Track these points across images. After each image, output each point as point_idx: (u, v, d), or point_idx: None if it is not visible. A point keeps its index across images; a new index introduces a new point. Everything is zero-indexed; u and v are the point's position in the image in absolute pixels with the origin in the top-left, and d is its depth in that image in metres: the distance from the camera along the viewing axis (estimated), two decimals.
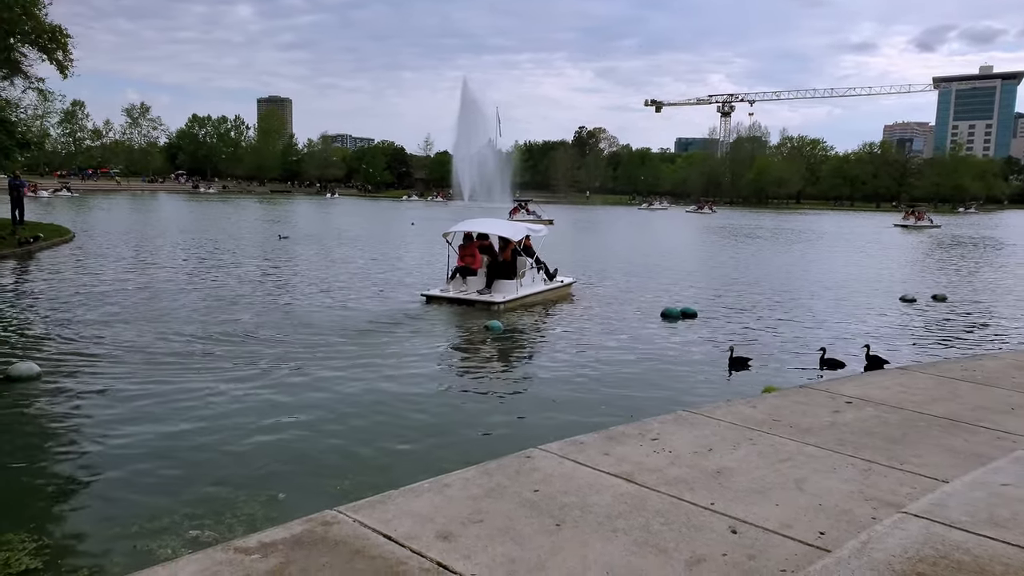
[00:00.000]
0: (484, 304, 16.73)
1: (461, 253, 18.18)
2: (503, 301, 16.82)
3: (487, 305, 16.67)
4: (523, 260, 18.13)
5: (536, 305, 17.58)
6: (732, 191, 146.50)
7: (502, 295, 17.05)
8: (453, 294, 17.32)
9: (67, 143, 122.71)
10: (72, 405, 9.05)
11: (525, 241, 18.44)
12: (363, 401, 9.51)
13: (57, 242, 28.17)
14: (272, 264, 24.69)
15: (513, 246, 17.88)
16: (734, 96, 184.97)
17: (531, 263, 18.36)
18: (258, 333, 13.37)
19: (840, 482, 5.32)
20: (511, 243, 17.88)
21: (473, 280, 17.62)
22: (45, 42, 27.34)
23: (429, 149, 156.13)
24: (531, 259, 18.45)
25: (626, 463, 5.56)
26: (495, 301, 16.78)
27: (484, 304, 16.73)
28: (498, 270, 17.60)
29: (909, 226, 68.47)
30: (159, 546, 5.63)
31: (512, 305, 16.99)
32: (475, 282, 17.58)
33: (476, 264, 17.89)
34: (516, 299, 17.20)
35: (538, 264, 18.67)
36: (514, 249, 17.91)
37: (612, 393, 10.41)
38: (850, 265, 31.44)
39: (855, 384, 8.51)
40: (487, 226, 19.25)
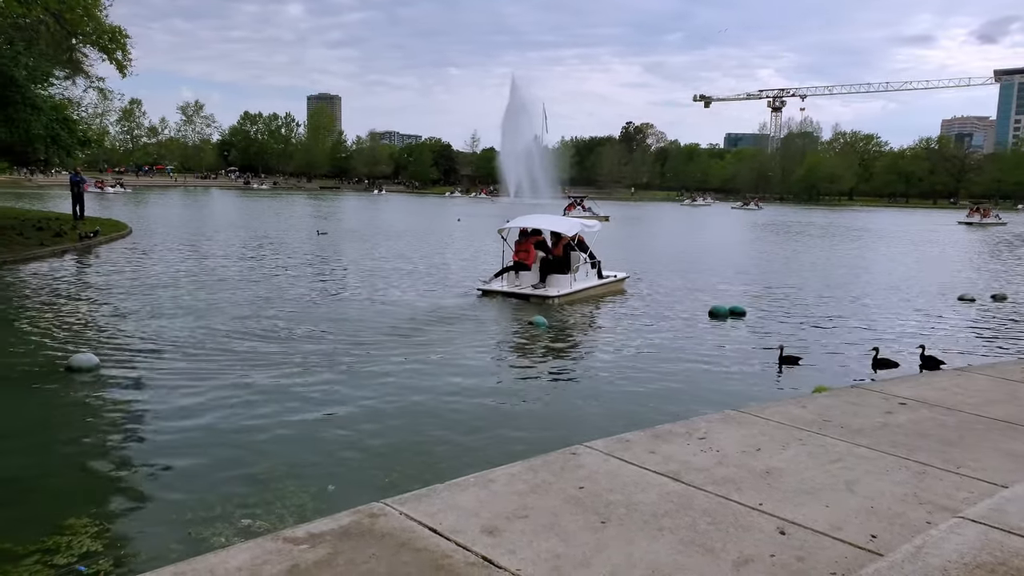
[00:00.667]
0: (539, 298, 17.00)
1: (516, 248, 18.44)
2: (557, 295, 17.08)
3: (541, 299, 16.92)
4: (576, 255, 18.31)
5: (589, 300, 17.74)
6: (782, 187, 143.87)
7: (556, 289, 17.31)
8: (508, 288, 17.62)
9: (125, 140, 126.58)
10: (128, 396, 9.33)
11: (578, 237, 18.59)
12: (410, 395, 9.60)
13: (114, 237, 29.02)
14: (322, 259, 25.07)
15: (566, 241, 18.08)
16: (785, 91, 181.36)
17: (585, 258, 18.56)
18: (308, 328, 13.59)
19: (893, 484, 5.20)
20: (563, 238, 18.08)
21: (527, 275, 17.92)
22: (105, 42, 28.14)
23: (476, 146, 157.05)
24: (584, 254, 18.64)
25: (673, 462, 5.52)
26: (549, 295, 17.05)
27: (539, 298, 17.00)
28: (551, 265, 17.85)
29: (974, 223, 66.49)
30: (212, 534, 5.77)
31: (565, 299, 17.17)
32: (529, 277, 17.88)
33: (530, 259, 18.14)
34: (569, 293, 17.43)
35: (592, 260, 18.88)
36: (567, 244, 18.11)
37: (658, 391, 10.32)
38: (907, 263, 30.64)
39: (909, 385, 8.31)
40: (541, 222, 19.42)
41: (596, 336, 14.05)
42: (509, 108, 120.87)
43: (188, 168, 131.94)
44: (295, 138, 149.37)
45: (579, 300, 17.52)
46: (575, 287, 17.70)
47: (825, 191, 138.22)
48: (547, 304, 16.63)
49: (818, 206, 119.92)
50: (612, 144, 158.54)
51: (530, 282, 17.79)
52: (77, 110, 31.13)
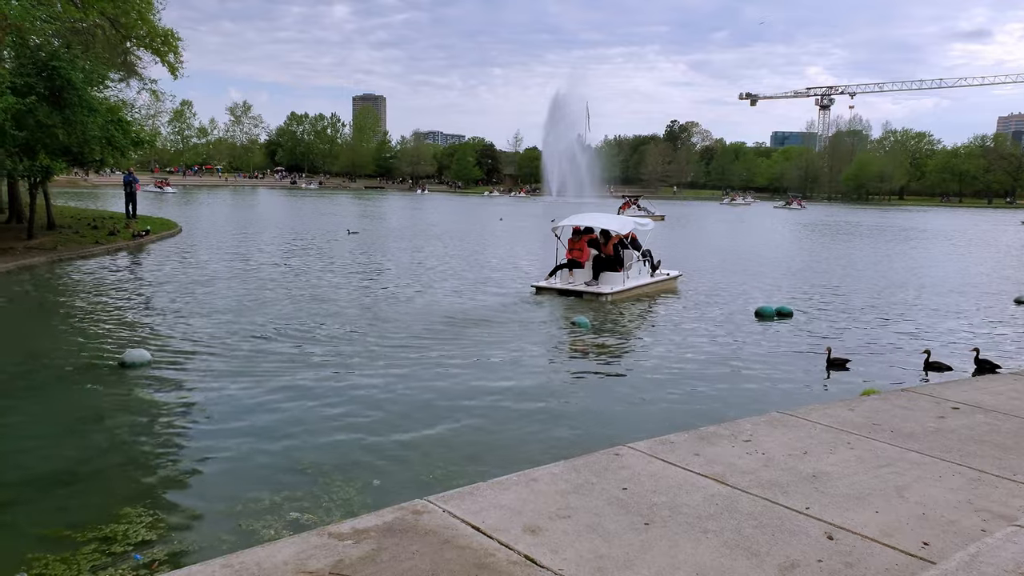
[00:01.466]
0: (591, 295, 17.26)
1: (569, 246, 18.72)
2: (610, 292, 17.33)
3: (594, 296, 17.19)
4: (629, 253, 18.55)
5: (642, 297, 17.97)
6: (830, 187, 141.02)
7: (609, 287, 17.60)
8: (561, 285, 17.90)
9: (176, 141, 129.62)
10: (179, 391, 9.56)
11: (631, 235, 18.76)
12: (455, 393, 9.66)
13: (165, 235, 29.78)
14: (367, 259, 25.35)
15: (616, 239, 18.31)
16: (833, 88, 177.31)
17: (637, 256, 18.80)
18: (353, 326, 13.77)
19: (946, 491, 5.07)
20: (613, 236, 18.30)
21: (580, 273, 18.21)
22: (158, 45, 28.87)
23: (518, 145, 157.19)
24: (637, 252, 18.85)
25: (717, 464, 5.47)
26: (603, 292, 17.31)
27: (591, 295, 17.26)
28: (604, 263, 18.13)
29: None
30: (262, 526, 5.89)
31: (618, 297, 17.37)
32: (582, 274, 18.17)
33: (584, 257, 18.44)
34: (622, 291, 17.65)
35: (645, 258, 19.13)
36: (618, 242, 18.35)
37: (703, 392, 10.22)
38: (962, 264, 29.80)
39: (963, 389, 8.09)
40: (593, 220, 19.63)
41: (640, 336, 13.96)
42: (552, 107, 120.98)
43: (236, 168, 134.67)
44: (340, 138, 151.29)
45: (631, 298, 17.72)
46: (627, 284, 17.90)
47: (874, 190, 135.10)
48: (600, 301, 16.85)
49: (867, 206, 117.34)
50: (656, 143, 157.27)
51: (583, 279, 18.08)
52: (131, 111, 31.95)
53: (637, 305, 17.10)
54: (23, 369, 10.33)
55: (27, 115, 18.71)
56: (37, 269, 19.67)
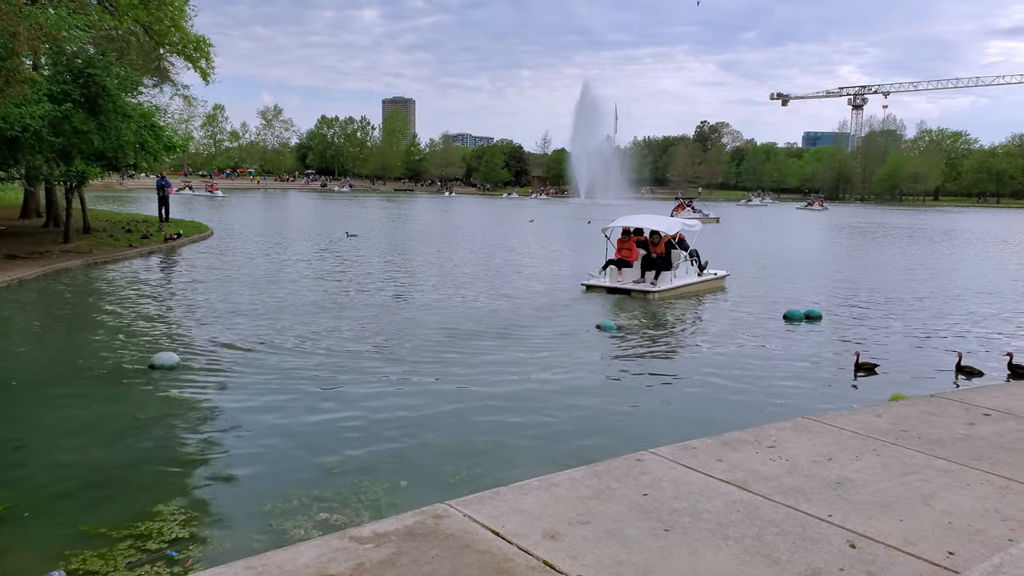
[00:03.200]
0: (640, 293, 18.04)
1: (619, 246, 19.58)
2: (657, 291, 18.04)
3: (643, 294, 17.97)
4: (677, 253, 19.25)
5: (689, 296, 18.63)
6: (863, 187, 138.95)
7: (657, 285, 18.29)
8: (610, 283, 18.65)
9: (208, 145, 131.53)
10: (208, 393, 9.73)
11: (679, 235, 19.48)
12: (482, 396, 9.72)
13: (196, 238, 30.23)
14: (402, 259, 25.53)
15: (666, 239, 18.98)
16: (866, 88, 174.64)
17: (685, 256, 19.47)
18: (382, 328, 13.89)
19: (973, 499, 5.00)
20: (663, 237, 18.93)
21: (629, 272, 18.97)
22: (190, 52, 29.43)
23: (547, 147, 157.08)
24: (685, 252, 19.53)
25: (740, 470, 5.44)
26: (651, 290, 18.03)
27: (640, 293, 18.04)
28: (651, 262, 18.84)
29: None
30: (292, 526, 5.99)
31: (665, 295, 18.06)
32: (631, 273, 18.94)
33: (632, 257, 19.21)
34: (669, 289, 18.35)
35: (692, 257, 19.76)
36: (668, 242, 19.02)
37: (728, 396, 10.16)
38: (996, 267, 29.22)
39: (995, 395, 7.95)
40: (642, 221, 20.24)
41: (665, 339, 13.90)
42: (579, 109, 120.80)
43: (267, 171, 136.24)
44: (370, 141, 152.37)
45: (678, 296, 18.39)
46: (675, 283, 18.57)
47: (908, 191, 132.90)
48: (648, 299, 17.64)
49: (901, 206, 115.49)
50: (686, 143, 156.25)
51: (632, 278, 18.80)
52: (164, 116, 32.61)
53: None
54: (56, 371, 10.59)
55: (63, 121, 19.17)
56: (73, 272, 20.12)
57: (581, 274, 20.30)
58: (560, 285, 20.26)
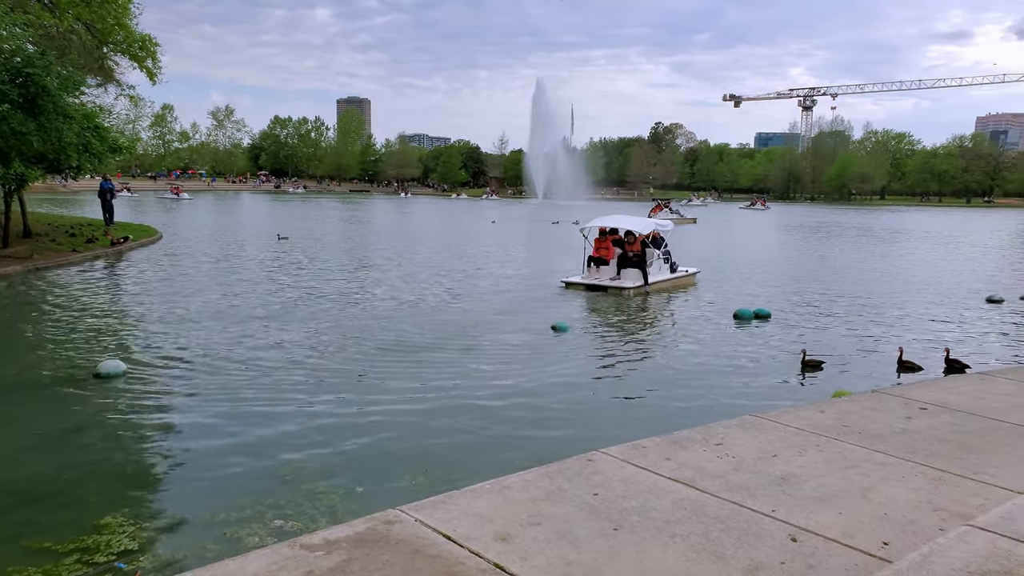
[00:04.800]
0: (616, 289, 18.88)
1: (596, 245, 20.50)
2: (632, 287, 18.90)
3: (619, 291, 18.83)
4: (651, 252, 20.09)
5: (662, 292, 19.55)
6: (813, 187, 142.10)
7: (631, 282, 19.14)
8: (588, 281, 19.53)
9: (157, 146, 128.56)
10: (156, 401, 9.55)
11: (653, 234, 20.44)
12: (438, 400, 9.71)
13: (145, 242, 29.54)
14: (358, 263, 25.33)
15: (641, 239, 19.81)
16: (815, 90, 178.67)
17: (659, 254, 20.44)
18: (335, 332, 13.78)
19: (908, 491, 5.20)
20: (639, 236, 19.78)
21: (606, 269, 19.89)
22: (135, 51, 28.67)
23: (504, 147, 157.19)
24: (659, 251, 20.50)
25: (688, 468, 5.57)
26: (625, 287, 18.90)
27: (616, 289, 18.88)
28: (627, 260, 19.68)
29: None
30: (246, 534, 5.93)
31: (640, 292, 19.01)
32: (607, 271, 19.84)
33: (609, 255, 20.11)
34: (643, 286, 19.23)
35: (666, 257, 20.78)
36: (642, 242, 19.82)
37: (679, 395, 10.34)
38: (937, 264, 30.17)
39: (931, 389, 8.25)
40: (618, 221, 21.14)
41: (619, 340, 14.06)
42: (535, 110, 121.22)
43: (219, 172, 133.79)
44: (325, 142, 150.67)
45: (654, 292, 19.30)
46: (649, 280, 19.41)
47: (856, 190, 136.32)
48: (623, 295, 18.53)
49: (849, 206, 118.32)
50: (641, 145, 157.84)
51: (608, 275, 19.67)
52: (109, 117, 31.75)
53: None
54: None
55: (1, 122, 18.56)
56: (12, 278, 19.51)
57: (542, 274, 20.42)
58: (519, 286, 20.34)
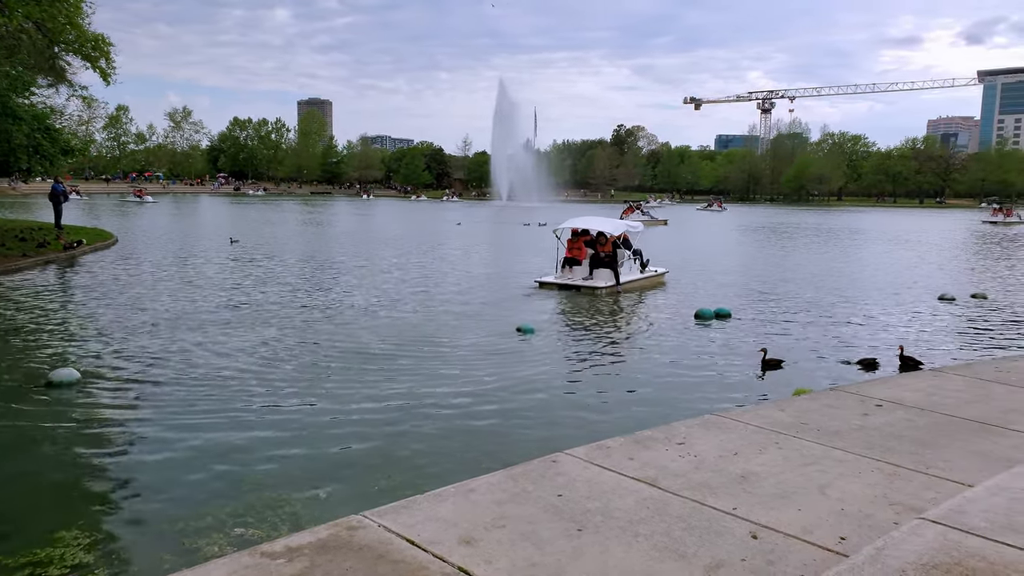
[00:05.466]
0: (588, 289, 19.43)
1: (568, 246, 21.03)
2: (604, 286, 19.44)
3: (591, 290, 19.37)
4: (622, 252, 20.62)
5: (633, 291, 20.11)
6: (772, 188, 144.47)
7: (603, 281, 19.69)
8: (561, 280, 20.12)
9: (112, 147, 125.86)
10: (113, 409, 9.33)
11: (623, 235, 20.97)
12: (403, 403, 9.65)
13: (99, 246, 28.78)
14: (318, 268, 25.08)
15: (613, 240, 20.37)
16: (774, 93, 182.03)
17: (629, 255, 20.99)
18: (295, 338, 13.64)
19: (864, 486, 5.31)
20: (610, 237, 20.32)
21: (578, 269, 20.43)
22: (88, 50, 28.01)
23: (467, 149, 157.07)
24: (629, 251, 21.05)
25: (651, 467, 5.62)
26: (597, 286, 19.44)
27: (588, 289, 19.43)
28: (599, 261, 20.20)
29: (998, 223, 67.77)
30: (206, 543, 5.82)
31: (612, 290, 19.56)
32: (580, 271, 20.39)
33: (581, 256, 20.63)
34: (614, 285, 19.73)
35: (635, 256, 21.31)
36: (614, 242, 20.40)
37: (643, 395, 10.43)
38: (893, 263, 30.87)
39: (887, 386, 8.44)
40: (590, 223, 21.60)
41: (584, 340, 14.13)
42: (498, 112, 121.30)
43: (177, 175, 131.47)
44: (285, 143, 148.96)
45: (625, 291, 19.82)
46: (620, 280, 19.95)
47: (814, 191, 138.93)
48: (596, 294, 19.05)
49: (807, 206, 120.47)
50: (604, 147, 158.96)
51: (581, 275, 20.18)
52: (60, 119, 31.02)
53: (574, 309, 17.62)
54: None
55: None
56: None
57: (509, 276, 20.41)
58: (485, 288, 20.34)
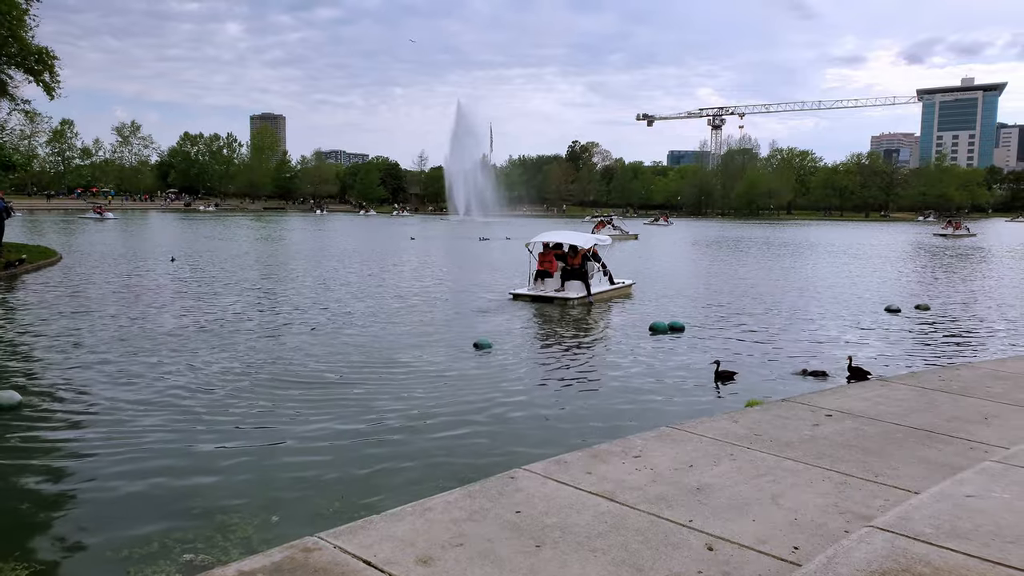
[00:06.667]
0: (561, 300, 20.26)
1: (540, 259, 21.81)
2: (576, 298, 20.27)
3: (564, 301, 20.19)
4: (591, 265, 21.52)
5: (602, 301, 20.95)
6: (724, 203, 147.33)
7: (574, 293, 20.50)
8: (534, 292, 20.95)
9: (56, 163, 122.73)
10: (55, 433, 9.03)
11: (593, 249, 21.79)
12: (356, 423, 9.54)
13: (42, 264, 27.95)
14: (269, 283, 24.72)
15: (583, 252, 21.20)
16: (724, 109, 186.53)
17: (598, 267, 21.93)
18: (245, 356, 13.42)
19: (816, 496, 5.42)
20: (580, 251, 21.14)
21: (550, 281, 21.28)
22: (32, 64, 27.43)
23: (424, 164, 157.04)
24: (599, 264, 22.00)
25: (608, 481, 5.65)
26: (569, 298, 20.26)
27: (561, 300, 20.26)
28: (570, 273, 21.02)
29: (948, 235, 70.28)
30: (153, 571, 5.68)
31: (583, 301, 20.36)
32: (552, 283, 21.23)
33: (553, 268, 21.45)
34: (585, 296, 20.53)
35: (604, 269, 22.29)
36: (584, 255, 21.22)
37: (600, 409, 10.49)
38: (840, 275, 31.62)
39: (836, 396, 8.63)
40: (561, 237, 22.48)
41: (539, 354, 14.17)
42: (455, 128, 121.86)
43: (125, 190, 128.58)
44: (237, 159, 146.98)
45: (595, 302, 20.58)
46: (591, 291, 20.76)
47: (764, 206, 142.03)
48: (568, 305, 19.89)
49: (758, 220, 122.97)
50: (559, 163, 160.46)
51: (553, 287, 21.04)
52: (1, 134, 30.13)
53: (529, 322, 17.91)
54: None
55: None
56: None
57: (467, 290, 20.43)
58: (441, 303, 20.30)
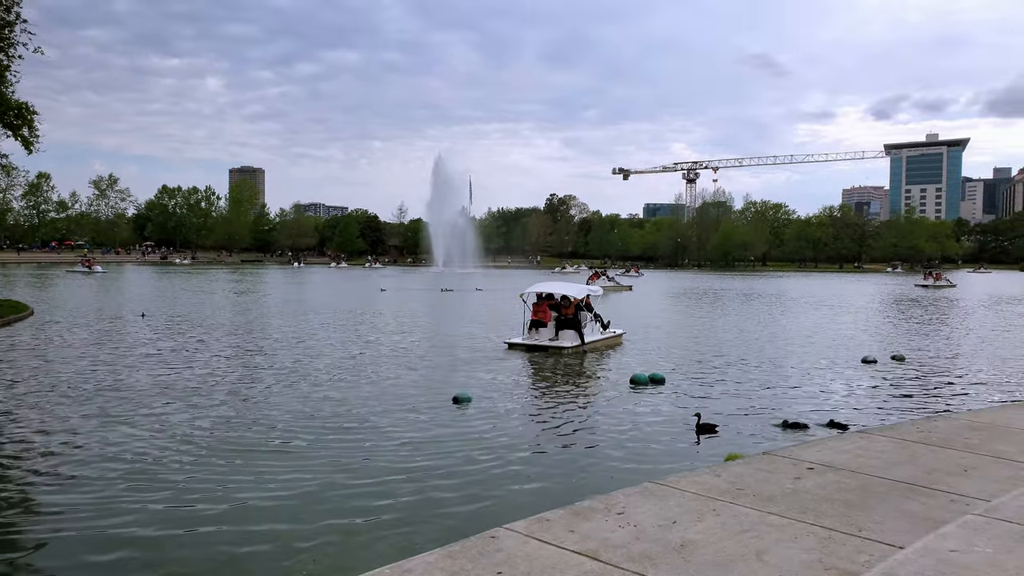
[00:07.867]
0: (555, 349, 20.80)
1: (534, 309, 22.31)
2: (570, 346, 20.83)
3: (558, 349, 20.75)
4: (584, 315, 22.06)
5: (594, 350, 21.42)
6: (700, 254, 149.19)
7: (568, 342, 21.06)
8: (528, 341, 21.43)
9: (30, 215, 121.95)
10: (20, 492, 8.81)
11: (586, 299, 22.50)
12: (333, 483, 9.35)
13: (12, 319, 27.48)
14: (239, 341, 24.48)
15: (576, 303, 21.83)
16: (698, 164, 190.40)
17: (591, 317, 22.47)
18: (218, 413, 13.21)
19: (801, 551, 5.38)
20: (573, 301, 21.78)
21: (544, 331, 21.70)
22: (11, 119, 27.42)
23: (403, 216, 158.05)
24: (591, 314, 22.54)
25: (591, 540, 5.57)
26: (564, 346, 20.83)
27: (555, 349, 20.80)
28: (564, 323, 21.56)
29: (928, 286, 72.00)
30: None
31: (577, 350, 20.91)
32: (546, 332, 21.67)
33: (547, 318, 21.91)
34: (579, 345, 21.05)
35: (597, 318, 22.83)
36: (577, 305, 21.83)
37: (582, 464, 10.39)
38: (816, 326, 31.90)
39: (816, 449, 8.63)
40: (555, 287, 23.12)
41: (518, 409, 14.06)
42: (435, 181, 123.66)
43: (100, 243, 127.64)
44: (215, 211, 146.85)
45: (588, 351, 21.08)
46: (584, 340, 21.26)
47: (740, 257, 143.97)
48: (562, 353, 20.42)
49: (733, 272, 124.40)
50: (537, 215, 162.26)
51: (547, 336, 21.48)
52: None
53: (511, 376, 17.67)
54: None
55: None
56: None
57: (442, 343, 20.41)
58: (420, 356, 20.17)
